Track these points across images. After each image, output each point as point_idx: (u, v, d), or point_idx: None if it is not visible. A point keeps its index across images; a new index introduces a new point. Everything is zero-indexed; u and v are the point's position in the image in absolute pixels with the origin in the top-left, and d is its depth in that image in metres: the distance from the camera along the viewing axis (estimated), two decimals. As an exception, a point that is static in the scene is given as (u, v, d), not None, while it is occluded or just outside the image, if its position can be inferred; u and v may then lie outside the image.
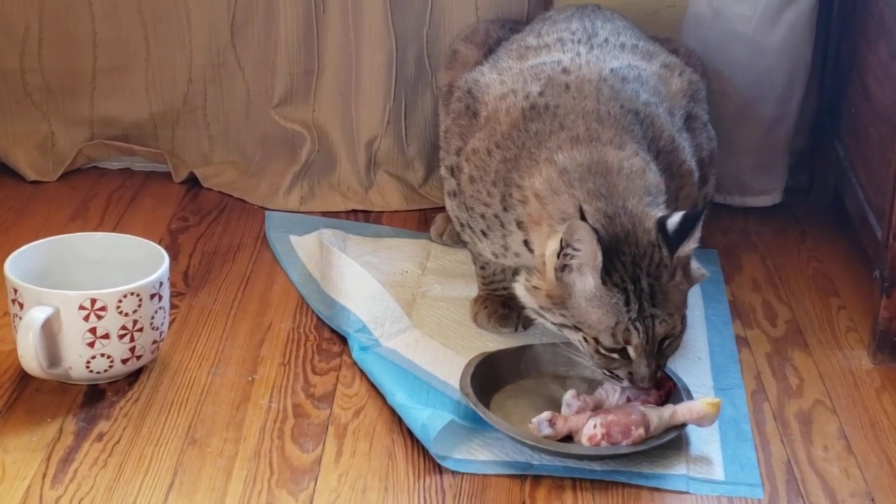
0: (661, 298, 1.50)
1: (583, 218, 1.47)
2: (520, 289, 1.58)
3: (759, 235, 2.15)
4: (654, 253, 1.50)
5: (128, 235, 1.73)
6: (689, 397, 1.57)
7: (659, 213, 1.53)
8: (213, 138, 2.26)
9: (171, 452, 1.50)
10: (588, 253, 1.47)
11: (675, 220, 1.51)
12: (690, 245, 1.52)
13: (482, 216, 1.68)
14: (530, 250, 1.61)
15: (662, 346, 1.53)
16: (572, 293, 1.51)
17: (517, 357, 1.68)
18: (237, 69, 2.21)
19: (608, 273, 1.48)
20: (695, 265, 1.57)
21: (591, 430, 1.49)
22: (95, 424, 1.54)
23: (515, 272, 1.72)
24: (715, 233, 2.12)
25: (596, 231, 1.46)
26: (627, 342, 1.50)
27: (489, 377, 1.63)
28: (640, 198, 1.54)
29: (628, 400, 1.55)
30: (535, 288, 1.55)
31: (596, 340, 1.51)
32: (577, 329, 1.52)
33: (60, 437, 1.51)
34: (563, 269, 1.51)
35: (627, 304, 1.49)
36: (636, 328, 1.49)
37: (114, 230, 2.00)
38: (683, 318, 1.54)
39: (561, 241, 1.49)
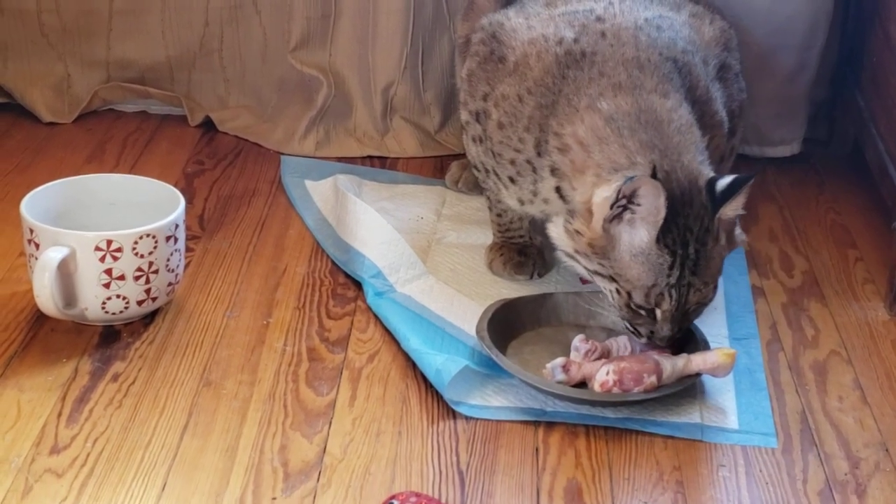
0: (703, 266, 1.48)
1: (654, 176, 1.44)
2: (556, 229, 1.56)
3: (777, 186, 2.14)
4: (704, 216, 1.48)
5: (144, 177, 1.73)
6: (707, 348, 1.57)
7: (710, 172, 1.51)
8: (229, 82, 2.25)
9: (186, 394, 1.50)
10: (650, 209, 1.45)
11: (724, 182, 1.48)
12: (735, 208, 1.50)
13: (511, 162, 1.66)
14: (562, 197, 1.59)
15: (688, 312, 1.52)
16: (617, 245, 1.49)
17: (538, 304, 1.68)
18: (254, 12, 2.20)
19: (663, 233, 1.46)
20: (737, 230, 1.56)
21: (603, 376, 1.49)
22: (111, 365, 1.54)
23: (532, 221, 1.71)
24: (732, 183, 2.11)
25: (666, 191, 1.43)
26: (658, 305, 1.49)
27: (508, 323, 1.63)
28: (694, 155, 1.52)
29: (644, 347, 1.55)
30: (577, 232, 1.52)
31: (629, 295, 1.50)
32: (613, 280, 1.51)
33: (76, 377, 1.52)
34: (612, 219, 1.49)
35: (671, 268, 1.47)
36: (670, 294, 1.48)
37: (129, 173, 2.00)
38: (716, 287, 1.53)
39: (618, 191, 1.47)
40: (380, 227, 1.84)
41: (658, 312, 1.50)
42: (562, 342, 1.62)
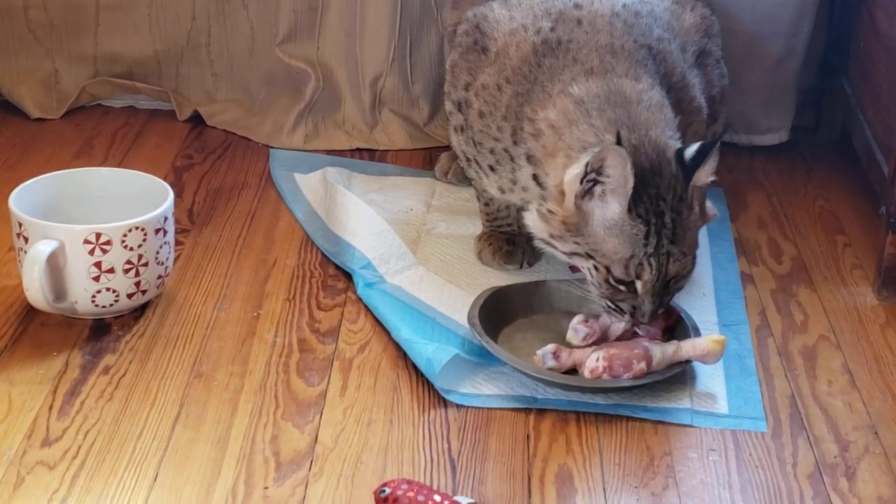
0: (681, 235, 1.49)
1: (618, 142, 1.46)
2: (531, 216, 1.57)
3: (765, 174, 2.15)
4: (676, 186, 1.49)
5: (132, 170, 1.73)
6: (698, 335, 1.57)
7: (679, 145, 1.53)
8: (217, 76, 2.25)
9: (176, 386, 1.50)
10: (618, 179, 1.46)
11: (692, 149, 1.50)
12: (707, 173, 1.51)
13: (491, 151, 1.67)
14: (539, 185, 1.61)
15: (669, 285, 1.52)
16: (590, 220, 1.50)
17: (530, 291, 1.68)
18: (241, 6, 2.20)
19: (634, 202, 1.47)
20: (708, 204, 1.57)
21: (593, 363, 1.50)
22: (101, 358, 1.54)
23: (520, 210, 1.72)
24: (721, 171, 2.07)
25: (634, 162, 1.45)
26: (638, 277, 1.50)
27: (499, 310, 1.63)
28: (663, 129, 1.53)
29: (634, 329, 1.55)
30: (551, 213, 1.54)
31: (607, 270, 1.51)
32: (589, 257, 1.52)
33: (66, 370, 1.52)
34: (584, 195, 1.50)
35: (647, 237, 1.48)
36: (650, 264, 1.49)
37: (118, 168, 2.00)
38: (694, 259, 1.54)
39: (586, 165, 1.48)
40: (369, 218, 1.84)
41: (639, 284, 1.50)
42: (554, 329, 1.63)
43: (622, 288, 1.51)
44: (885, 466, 1.42)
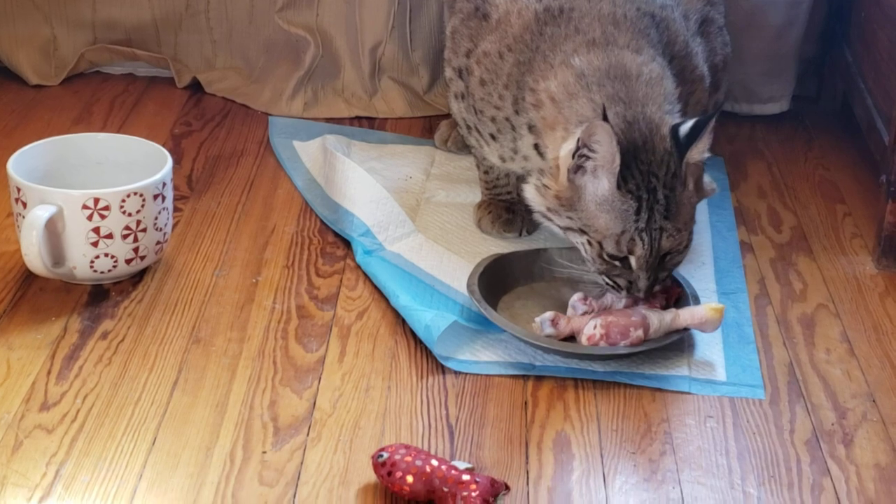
0: (674, 211, 1.49)
1: (605, 118, 1.46)
2: (529, 190, 1.57)
3: (765, 143, 2.14)
4: (670, 162, 1.49)
5: (131, 136, 1.73)
6: (698, 304, 1.57)
7: (674, 120, 1.52)
8: (216, 43, 2.24)
9: (175, 351, 1.50)
10: (606, 155, 1.46)
11: (686, 126, 1.50)
12: (700, 150, 1.50)
13: (492, 119, 1.67)
14: (540, 154, 1.60)
15: (665, 260, 1.52)
16: (582, 196, 1.50)
17: (531, 259, 1.68)
18: (240, -28, 2.19)
19: (624, 178, 1.47)
20: (707, 179, 1.56)
21: (590, 330, 1.50)
22: (100, 323, 1.54)
23: (520, 178, 1.71)
24: (721, 140, 2.11)
25: (626, 138, 1.44)
26: (631, 252, 1.50)
27: (500, 277, 1.63)
28: (660, 105, 1.53)
29: (634, 302, 1.55)
30: (546, 187, 1.54)
31: (600, 245, 1.51)
32: (583, 232, 1.52)
33: (65, 335, 1.52)
34: (576, 170, 1.49)
35: (638, 213, 1.48)
36: (641, 239, 1.48)
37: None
38: (690, 234, 1.54)
39: (578, 140, 1.48)
40: (369, 185, 1.84)
41: (632, 259, 1.50)
42: (554, 297, 1.63)
43: (616, 263, 1.51)
44: (883, 434, 1.42)
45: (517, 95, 1.62)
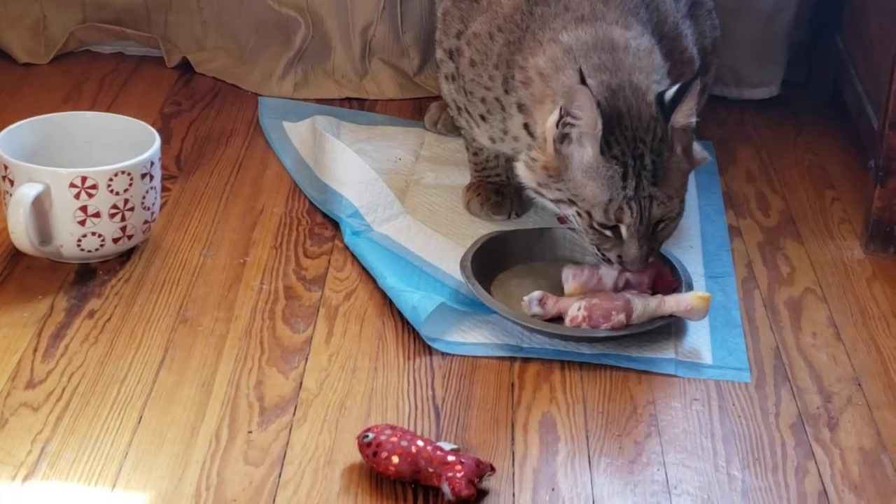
0: (663, 177, 1.49)
1: (582, 82, 1.46)
2: (520, 167, 1.57)
3: (755, 128, 2.14)
4: (657, 128, 1.49)
5: (120, 115, 1.72)
6: (691, 290, 1.57)
7: (663, 88, 1.52)
8: (206, 23, 2.23)
9: (162, 330, 1.50)
10: (588, 121, 1.46)
11: (671, 90, 1.50)
12: (686, 114, 1.50)
13: (482, 100, 1.67)
14: (530, 134, 1.60)
15: (657, 230, 1.52)
16: (569, 165, 1.50)
17: (533, 238, 1.68)
18: (230, -48, 2.18)
19: (608, 144, 1.47)
20: (697, 147, 1.56)
21: (574, 311, 1.50)
22: (87, 302, 1.54)
23: (510, 160, 1.71)
24: (711, 124, 2.11)
25: (595, 97, 1.44)
26: (620, 220, 1.50)
27: (496, 256, 1.63)
28: (647, 74, 1.53)
29: (627, 283, 1.55)
30: (534, 160, 1.54)
31: (589, 215, 1.50)
32: (572, 203, 1.51)
33: (52, 313, 1.51)
34: (562, 139, 1.49)
35: (625, 179, 1.48)
36: (630, 207, 1.48)
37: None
38: (682, 202, 1.54)
39: (560, 108, 1.48)
40: (358, 167, 1.84)
41: (623, 228, 1.50)
42: (551, 277, 1.62)
43: (608, 233, 1.51)
44: (868, 418, 1.43)
45: (507, 75, 1.62)
